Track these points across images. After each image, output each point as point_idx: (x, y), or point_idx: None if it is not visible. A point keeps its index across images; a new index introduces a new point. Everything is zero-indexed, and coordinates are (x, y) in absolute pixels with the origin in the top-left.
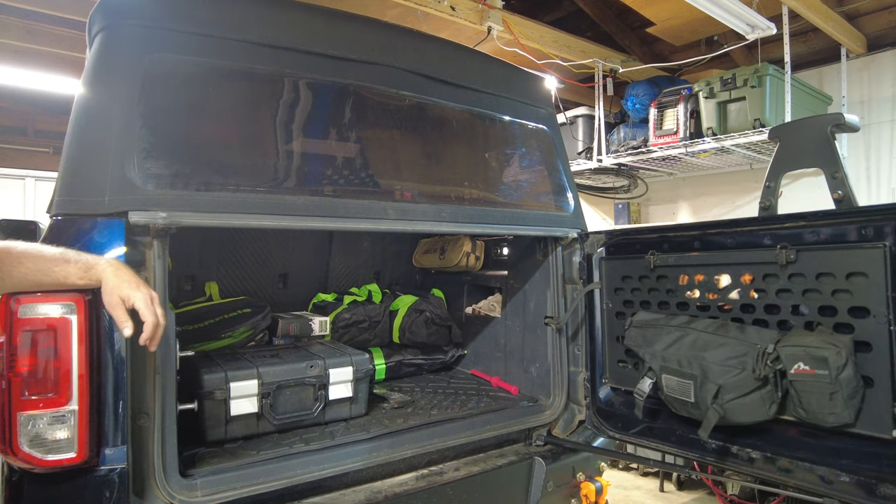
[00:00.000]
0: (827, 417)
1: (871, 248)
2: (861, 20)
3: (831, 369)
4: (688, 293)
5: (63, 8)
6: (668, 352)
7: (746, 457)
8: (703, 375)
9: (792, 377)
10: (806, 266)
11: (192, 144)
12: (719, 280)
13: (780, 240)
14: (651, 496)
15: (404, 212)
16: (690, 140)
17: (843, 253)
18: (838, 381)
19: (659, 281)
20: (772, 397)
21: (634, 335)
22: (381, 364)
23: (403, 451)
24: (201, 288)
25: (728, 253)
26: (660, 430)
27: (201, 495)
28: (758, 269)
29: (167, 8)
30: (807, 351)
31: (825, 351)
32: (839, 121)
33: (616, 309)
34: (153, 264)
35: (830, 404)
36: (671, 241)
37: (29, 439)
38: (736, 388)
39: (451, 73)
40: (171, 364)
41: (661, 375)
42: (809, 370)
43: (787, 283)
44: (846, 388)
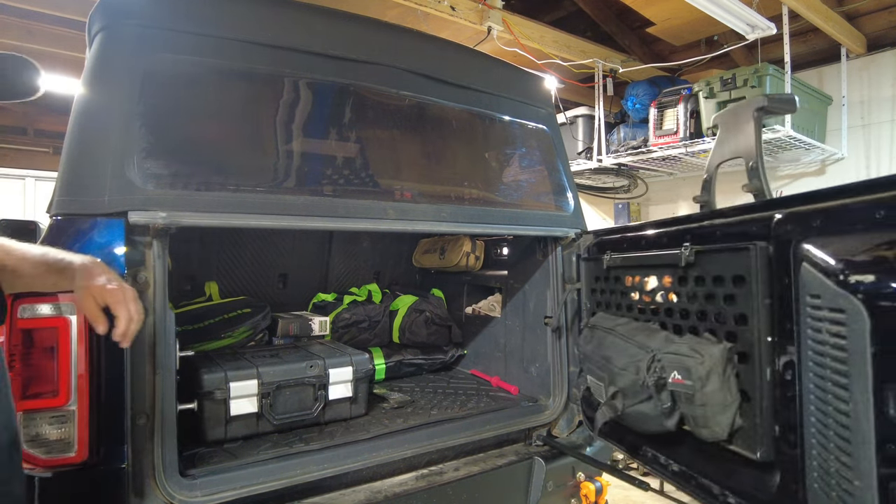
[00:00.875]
0: (701, 431)
1: (745, 250)
2: (861, 20)
3: (695, 380)
4: (631, 295)
5: (63, 8)
6: (592, 353)
7: (670, 468)
8: (610, 378)
9: (671, 386)
10: (704, 268)
11: (191, 144)
12: (647, 282)
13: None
14: (651, 496)
15: (404, 212)
16: (690, 140)
17: (729, 255)
18: (703, 392)
19: (615, 283)
20: (665, 407)
21: (582, 336)
22: (381, 364)
23: (403, 451)
24: (201, 288)
25: (653, 254)
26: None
27: (201, 495)
28: (673, 272)
29: (167, 8)
30: (679, 359)
31: (690, 360)
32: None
33: (592, 309)
34: (153, 264)
35: (703, 417)
36: (627, 241)
37: (29, 439)
38: (632, 394)
39: (451, 73)
40: (171, 364)
41: (586, 376)
42: (681, 380)
43: (693, 287)
44: (713, 402)
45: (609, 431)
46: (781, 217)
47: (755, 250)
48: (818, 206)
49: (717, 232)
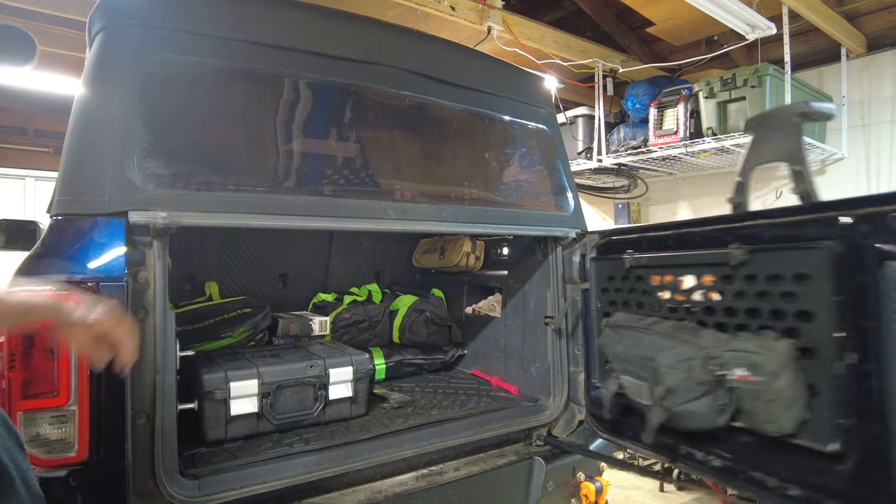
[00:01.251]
0: (766, 426)
1: (815, 249)
2: (861, 20)
3: (766, 376)
4: (659, 294)
5: (63, 8)
6: (628, 353)
7: (709, 464)
8: (655, 378)
9: (733, 383)
10: (758, 267)
11: (192, 144)
12: (682, 281)
13: (739, 239)
14: (651, 496)
15: (404, 212)
16: (690, 140)
17: (791, 253)
18: (773, 388)
19: (636, 281)
20: (720, 403)
21: (607, 336)
22: (381, 364)
23: (403, 451)
24: (201, 288)
25: (691, 254)
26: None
27: (201, 495)
28: (717, 270)
29: (167, 8)
30: (745, 356)
31: (759, 356)
32: (804, 109)
33: (604, 309)
34: (153, 264)
35: (769, 413)
36: (649, 240)
37: (29, 439)
38: (684, 392)
39: (452, 73)
40: (171, 364)
41: (621, 377)
42: (748, 376)
43: (743, 285)
44: (783, 397)
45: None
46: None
47: (824, 249)
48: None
49: (765, 232)
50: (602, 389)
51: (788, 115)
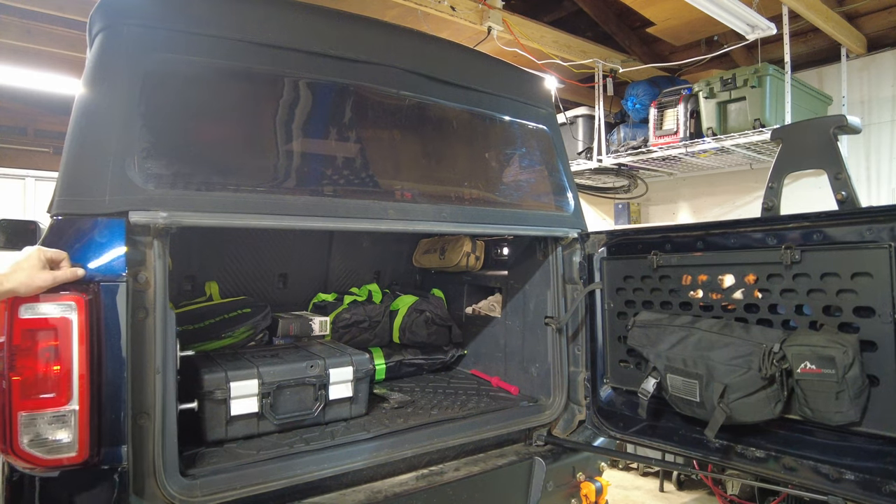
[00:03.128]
0: (833, 416)
1: (877, 249)
2: (861, 20)
3: (838, 368)
4: (691, 293)
5: (63, 8)
6: (672, 351)
7: (751, 456)
8: (709, 375)
9: (798, 376)
10: (810, 266)
11: (192, 144)
12: (723, 280)
13: (784, 240)
14: (651, 496)
15: (404, 212)
16: (690, 140)
17: (849, 253)
18: (845, 380)
19: (662, 281)
20: (777, 396)
21: (638, 335)
22: (381, 364)
23: (403, 451)
24: (201, 288)
25: (732, 253)
26: (662, 429)
27: (201, 495)
28: (762, 269)
29: (167, 8)
30: (814, 350)
31: (832, 350)
32: (842, 122)
33: (618, 309)
34: (153, 264)
35: (837, 403)
36: (673, 241)
37: (29, 439)
38: (742, 387)
39: (451, 73)
40: (172, 364)
41: (666, 375)
42: (816, 369)
43: (791, 283)
44: (852, 387)
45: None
46: None
47: (886, 249)
48: None
49: (813, 234)
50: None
51: (825, 127)
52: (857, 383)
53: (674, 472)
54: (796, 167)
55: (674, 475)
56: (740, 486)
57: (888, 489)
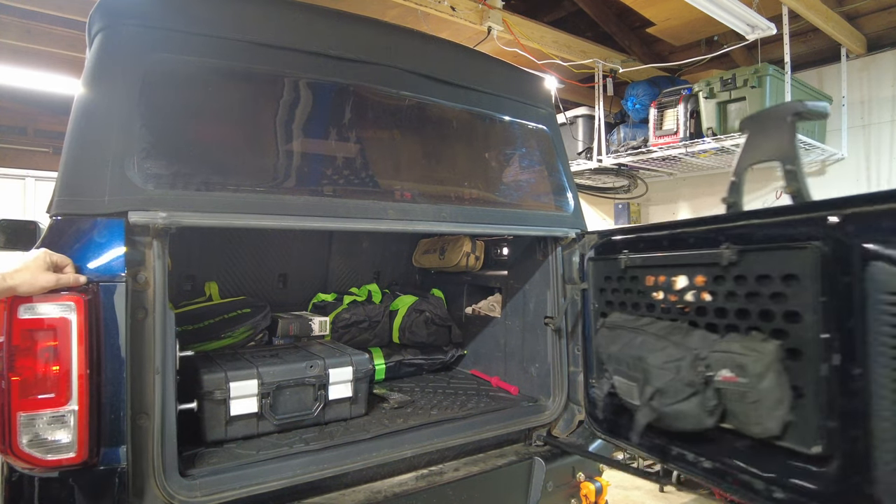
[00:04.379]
0: (752, 427)
1: (801, 249)
2: (861, 20)
3: (750, 377)
4: (653, 294)
5: (63, 8)
6: (620, 353)
7: (700, 465)
8: (645, 378)
9: (718, 384)
10: (748, 267)
11: (192, 144)
12: (675, 281)
13: (730, 239)
14: (651, 496)
15: (404, 212)
16: (690, 140)
17: (779, 254)
18: (758, 389)
19: (631, 282)
20: (709, 405)
21: (602, 336)
22: (380, 364)
23: (403, 451)
24: (201, 288)
25: (684, 254)
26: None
27: (201, 495)
28: (708, 271)
29: (167, 8)
30: (731, 357)
31: (745, 358)
32: (799, 109)
33: (601, 310)
34: (153, 264)
35: (755, 414)
36: (645, 240)
37: (29, 439)
38: (672, 393)
39: (451, 73)
40: (171, 364)
41: (614, 377)
42: (733, 377)
43: (733, 286)
44: (767, 398)
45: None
46: (842, 218)
47: (812, 249)
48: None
49: (756, 232)
50: (596, 389)
51: (783, 114)
52: (773, 394)
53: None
54: (756, 159)
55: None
56: None
57: None
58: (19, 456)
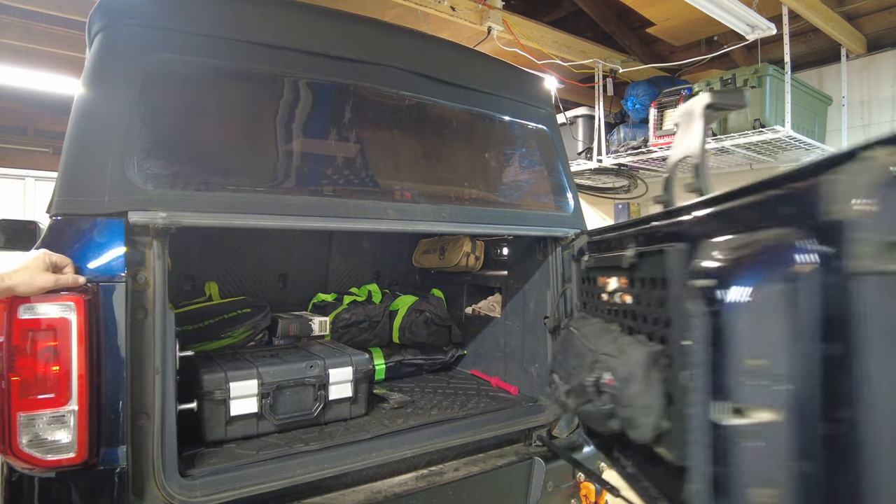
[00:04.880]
0: (631, 432)
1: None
2: (861, 20)
3: (619, 381)
4: (602, 295)
5: (63, 8)
6: (557, 352)
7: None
8: (565, 378)
9: (603, 387)
10: (644, 271)
11: (192, 144)
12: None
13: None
14: None
15: (404, 212)
16: None
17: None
18: (626, 394)
19: (592, 283)
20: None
21: (560, 336)
22: (380, 364)
23: (403, 452)
24: (201, 288)
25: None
26: None
27: (201, 495)
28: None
29: (167, 8)
30: (608, 360)
31: (614, 361)
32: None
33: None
34: (153, 264)
35: (629, 419)
36: (604, 242)
37: (28, 439)
38: (580, 394)
39: (451, 73)
40: (171, 364)
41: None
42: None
43: (638, 289)
44: (635, 404)
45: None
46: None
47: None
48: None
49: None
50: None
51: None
52: (641, 400)
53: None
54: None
55: None
56: None
57: None
58: (19, 456)
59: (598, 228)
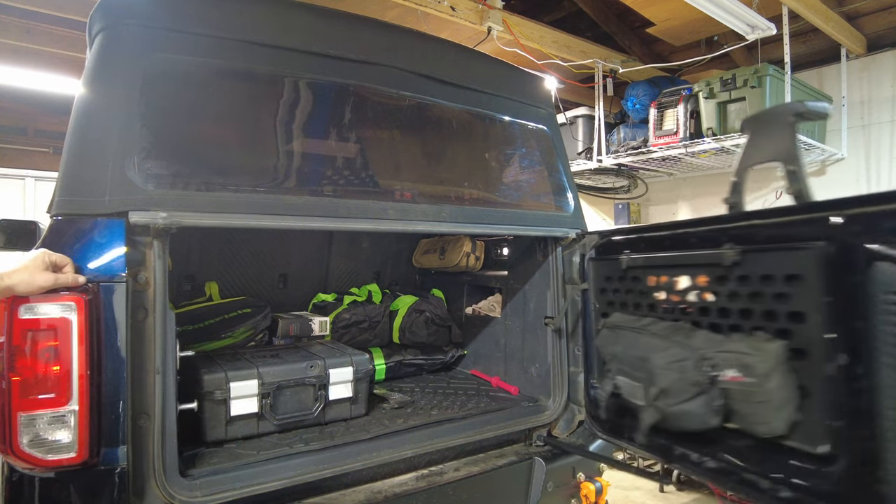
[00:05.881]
0: (758, 427)
1: (806, 250)
2: (861, 20)
3: (758, 377)
4: (655, 295)
5: (63, 8)
6: (624, 353)
7: (704, 465)
8: (649, 379)
9: (724, 384)
10: (751, 267)
11: (192, 144)
12: (678, 282)
13: (733, 239)
14: (651, 496)
15: (404, 212)
16: (690, 140)
17: (782, 254)
18: (765, 389)
19: (633, 282)
20: (714, 405)
21: (604, 336)
22: (381, 364)
23: (403, 452)
24: (201, 288)
25: (686, 254)
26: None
27: (201, 495)
28: (711, 271)
29: (167, 8)
30: (737, 357)
31: (751, 358)
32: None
33: (602, 310)
34: (153, 264)
35: (761, 414)
36: (646, 241)
37: (29, 439)
38: (676, 392)
39: (451, 73)
40: (171, 364)
41: (617, 377)
42: (740, 377)
43: (736, 286)
44: (774, 398)
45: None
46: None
47: (815, 250)
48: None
49: (759, 232)
50: (599, 390)
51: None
52: (780, 394)
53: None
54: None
55: (674, 475)
56: None
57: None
58: (20, 456)
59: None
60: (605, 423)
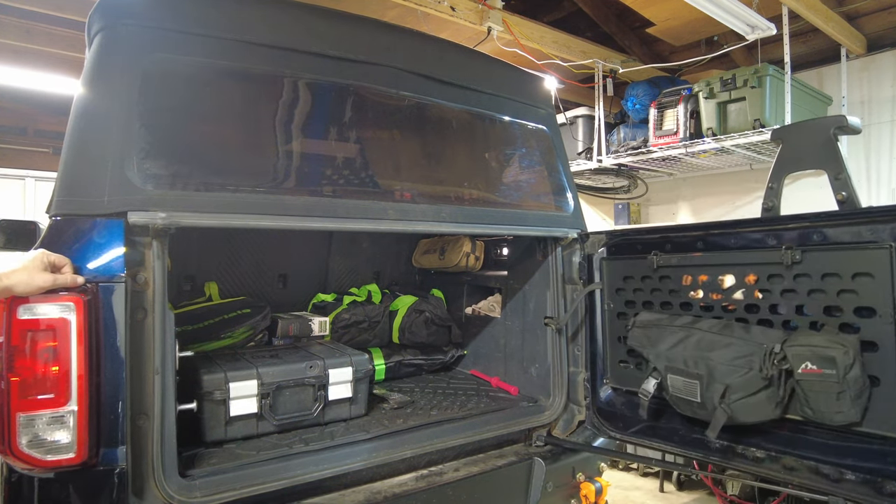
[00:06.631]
0: (834, 416)
1: (878, 249)
2: (861, 20)
3: (839, 369)
4: (691, 293)
5: (62, 8)
6: (672, 352)
7: (751, 456)
8: (710, 375)
9: (799, 377)
10: (811, 266)
11: (191, 144)
12: (723, 280)
13: (785, 241)
14: (651, 496)
15: (404, 212)
16: (690, 140)
17: (850, 254)
18: (846, 380)
19: (662, 281)
20: (778, 397)
21: (638, 335)
22: (380, 364)
23: (403, 452)
24: (201, 288)
25: (732, 253)
26: (662, 429)
27: (200, 496)
28: (763, 270)
29: (166, 8)
30: (814, 351)
31: (833, 351)
32: (842, 123)
33: (618, 309)
34: (152, 264)
35: (838, 403)
36: (673, 241)
37: (28, 440)
38: (743, 387)
39: (451, 73)
40: (171, 364)
41: (667, 375)
42: (817, 370)
43: (791, 284)
44: (853, 388)
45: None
46: None
47: (888, 250)
48: None
49: (812, 233)
50: (640, 391)
51: (826, 127)
52: (858, 384)
53: (674, 473)
54: (796, 168)
55: (674, 475)
56: (740, 486)
57: (889, 489)
58: (19, 456)
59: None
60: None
